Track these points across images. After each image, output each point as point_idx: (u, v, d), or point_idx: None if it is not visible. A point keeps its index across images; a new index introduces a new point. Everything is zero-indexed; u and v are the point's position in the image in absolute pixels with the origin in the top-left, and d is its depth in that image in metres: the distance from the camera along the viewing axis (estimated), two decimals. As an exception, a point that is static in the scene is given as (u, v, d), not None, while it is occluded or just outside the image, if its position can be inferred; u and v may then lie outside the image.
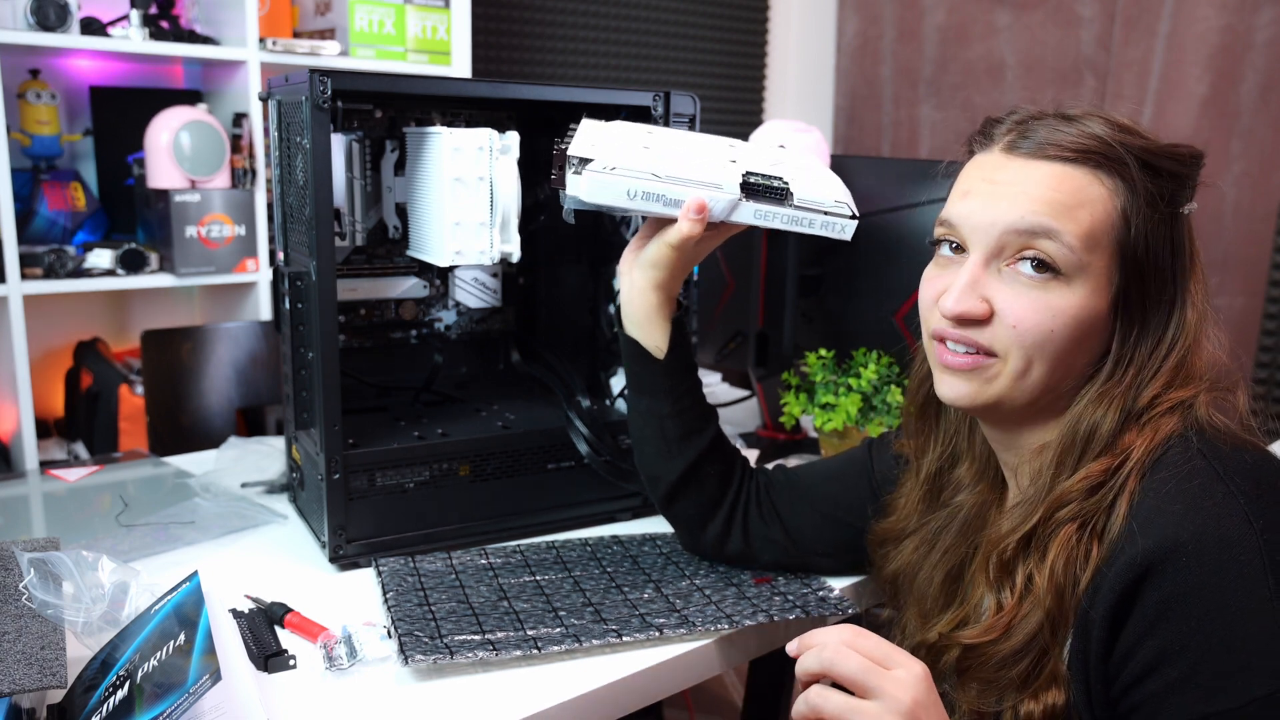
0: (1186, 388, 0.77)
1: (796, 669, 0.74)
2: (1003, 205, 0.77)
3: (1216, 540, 0.67)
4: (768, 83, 3.36)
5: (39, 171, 2.09)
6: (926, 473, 0.94)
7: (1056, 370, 0.78)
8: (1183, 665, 0.67)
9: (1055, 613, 0.75)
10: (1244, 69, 2.45)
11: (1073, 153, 0.76)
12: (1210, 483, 0.70)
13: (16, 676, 0.74)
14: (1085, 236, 0.75)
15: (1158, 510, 0.70)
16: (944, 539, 0.90)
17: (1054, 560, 0.74)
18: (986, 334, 0.79)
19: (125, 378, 2.08)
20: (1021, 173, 0.78)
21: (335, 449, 1.05)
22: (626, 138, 0.96)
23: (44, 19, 1.85)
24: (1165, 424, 0.75)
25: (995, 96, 2.93)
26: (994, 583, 0.80)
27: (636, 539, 1.16)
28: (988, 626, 0.79)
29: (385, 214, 1.25)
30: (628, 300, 1.01)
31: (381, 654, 0.89)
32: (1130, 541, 0.70)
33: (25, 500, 1.33)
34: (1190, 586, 0.67)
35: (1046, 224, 0.75)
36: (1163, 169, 0.77)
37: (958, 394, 0.81)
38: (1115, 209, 0.76)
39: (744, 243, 1.56)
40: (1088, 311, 0.76)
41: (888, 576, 0.98)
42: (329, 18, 2.27)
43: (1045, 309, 0.76)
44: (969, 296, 0.78)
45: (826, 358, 1.41)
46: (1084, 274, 0.76)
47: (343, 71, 1.00)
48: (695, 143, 0.99)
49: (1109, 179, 0.76)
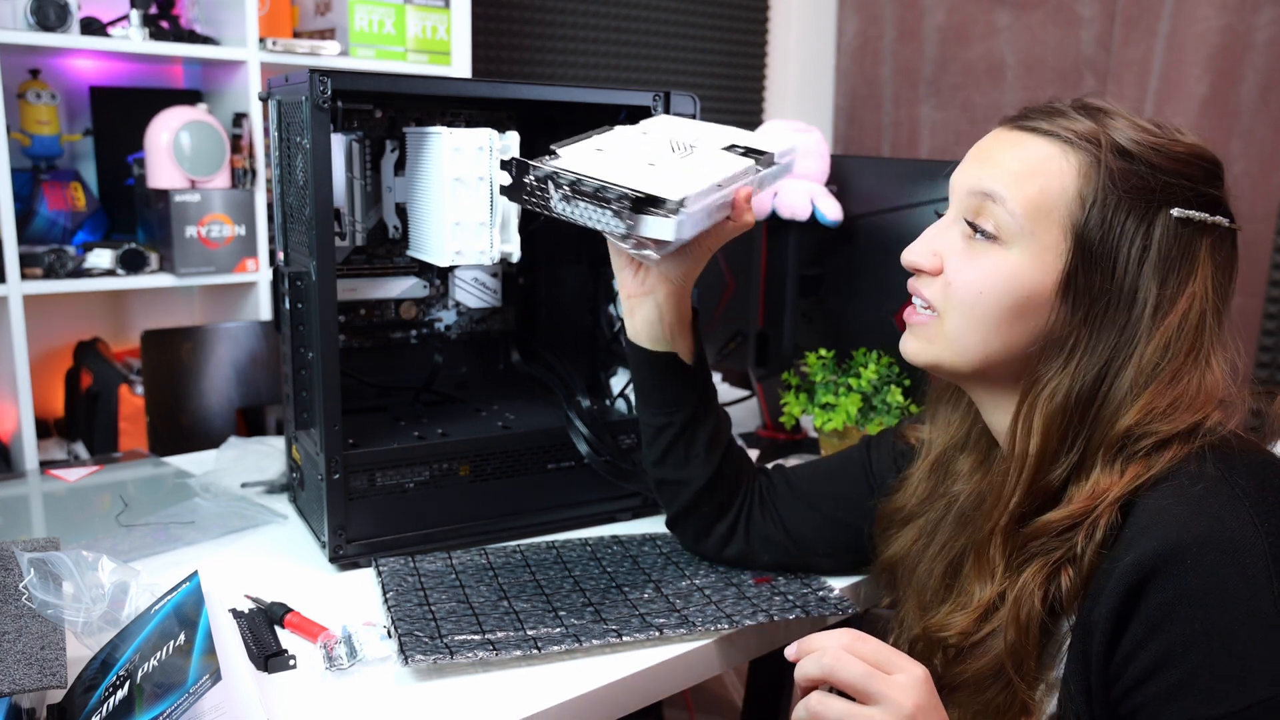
0: (1183, 414, 0.73)
1: (796, 674, 0.74)
2: (973, 169, 0.81)
3: (1221, 543, 0.67)
4: (768, 83, 3.36)
5: (39, 171, 2.09)
6: (934, 456, 0.94)
7: (991, 338, 0.79)
8: (1185, 668, 0.67)
9: (1018, 646, 0.75)
10: (1244, 69, 2.45)
11: (1054, 129, 0.78)
12: (1216, 486, 0.70)
13: (16, 676, 0.74)
14: (1029, 204, 0.76)
15: (1162, 512, 0.70)
16: (942, 532, 0.90)
17: (1020, 589, 0.75)
18: (929, 286, 0.82)
19: (125, 378, 2.08)
20: (1001, 142, 0.81)
21: (335, 449, 1.05)
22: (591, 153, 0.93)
23: (44, 19, 1.85)
24: (1159, 459, 0.72)
25: (995, 96, 2.93)
26: (981, 571, 0.81)
27: (636, 539, 1.16)
28: (967, 616, 0.80)
29: (385, 214, 1.25)
30: (654, 320, 0.98)
31: (381, 654, 0.89)
32: (1134, 543, 0.70)
33: (25, 500, 1.33)
34: (1194, 590, 0.66)
35: (992, 188, 0.78)
36: (1145, 159, 0.75)
37: (905, 349, 0.86)
38: (1072, 186, 0.76)
39: (744, 242, 1.56)
40: (1023, 280, 0.77)
41: (885, 562, 0.98)
42: (329, 18, 2.27)
43: (978, 269, 0.78)
44: (920, 247, 0.83)
45: (826, 358, 1.41)
46: (1025, 241, 0.77)
47: (343, 71, 1.00)
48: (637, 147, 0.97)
49: (1075, 155, 0.76)
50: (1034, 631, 0.75)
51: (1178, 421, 0.73)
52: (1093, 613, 0.72)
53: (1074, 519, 0.74)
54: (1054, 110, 0.80)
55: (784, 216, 1.40)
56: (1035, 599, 0.75)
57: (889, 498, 0.99)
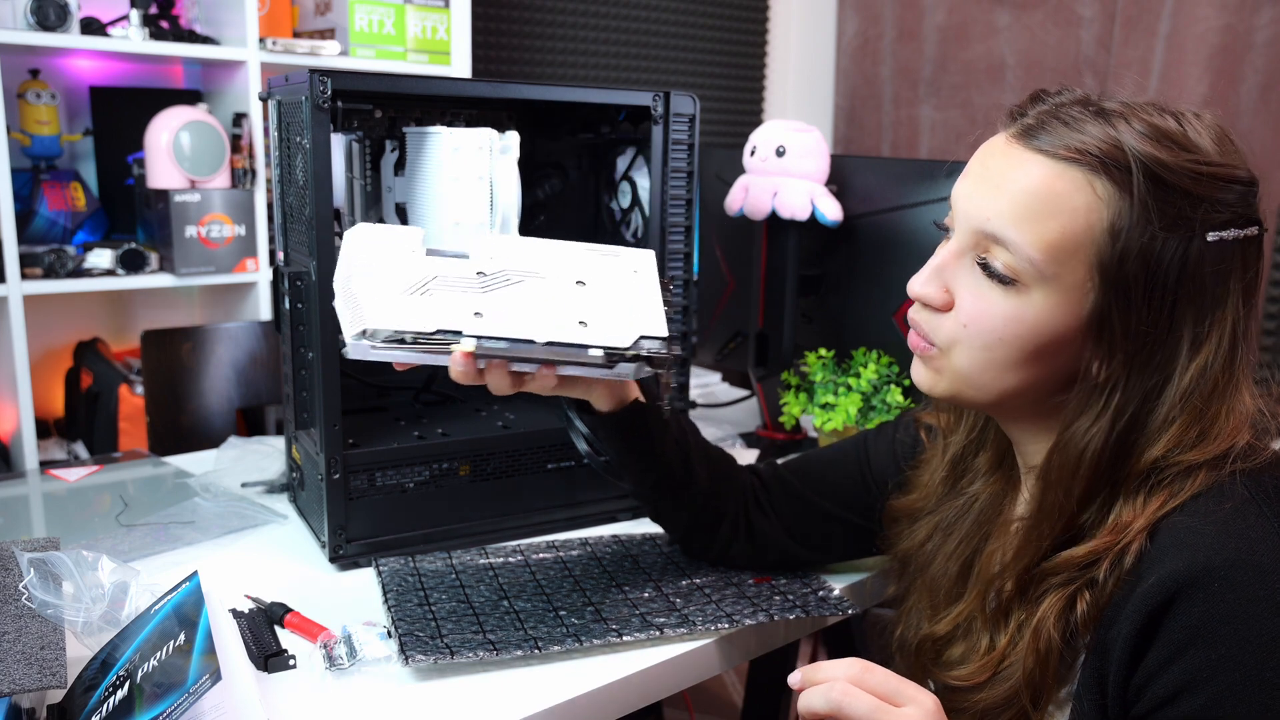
0: (1213, 443, 0.69)
1: (800, 706, 0.71)
2: (981, 198, 0.74)
3: (1251, 567, 0.64)
4: (768, 83, 3.36)
5: (39, 171, 2.09)
6: (952, 453, 0.91)
7: (1013, 378, 0.74)
8: (1206, 694, 0.64)
9: (1037, 676, 0.73)
10: (1244, 69, 2.45)
11: (1072, 153, 0.70)
12: (1245, 506, 0.67)
13: (16, 676, 0.74)
14: (1050, 247, 0.70)
15: (1190, 532, 0.67)
16: (959, 529, 0.88)
17: (1039, 621, 0.73)
18: (934, 323, 0.77)
19: (125, 378, 2.08)
20: (1010, 164, 0.73)
21: (335, 449, 1.05)
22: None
23: (44, 19, 1.85)
24: (1187, 488, 0.69)
25: (995, 96, 2.93)
26: (989, 622, 0.79)
27: (636, 539, 1.16)
28: (978, 667, 0.78)
29: (385, 214, 1.25)
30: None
31: (381, 654, 0.89)
32: (1158, 563, 0.67)
33: (25, 500, 1.33)
34: (1221, 615, 0.64)
35: (1006, 234, 0.71)
36: (1177, 186, 0.69)
37: (917, 378, 0.81)
38: (1101, 221, 0.69)
39: (744, 242, 1.56)
40: (1049, 325, 0.71)
41: (899, 555, 0.96)
42: (329, 18, 2.27)
43: (999, 314, 0.73)
44: (931, 282, 0.77)
45: (826, 358, 1.41)
46: (1049, 285, 0.71)
47: (343, 71, 1.00)
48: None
49: (1104, 188, 0.69)
50: (1053, 663, 0.73)
51: (1207, 450, 0.70)
52: (1110, 631, 0.69)
53: (1096, 554, 0.71)
54: (1065, 119, 0.72)
55: (784, 216, 1.40)
56: (1054, 630, 0.72)
57: (902, 493, 0.97)
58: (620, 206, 1.28)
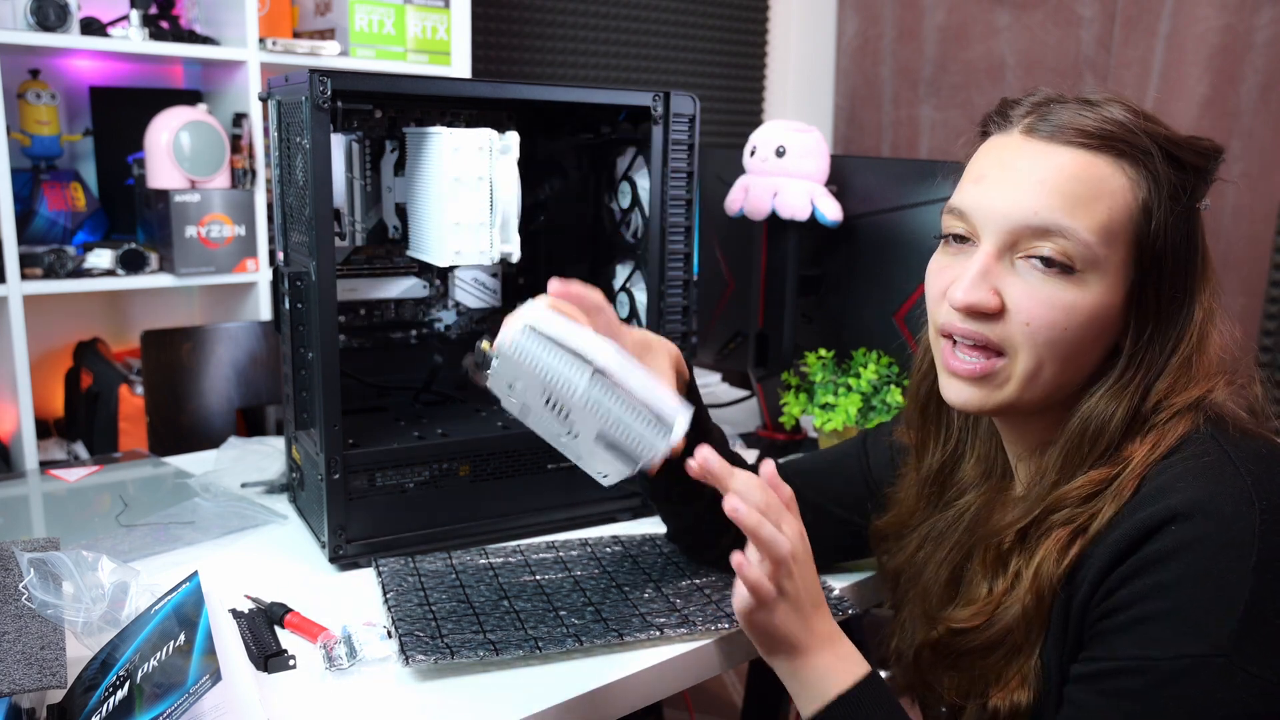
0: (1194, 388, 0.75)
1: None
2: (1018, 194, 0.74)
3: (1215, 512, 0.68)
4: (768, 83, 3.36)
5: (39, 171, 2.09)
6: (928, 470, 0.92)
7: (1067, 369, 0.76)
8: (1142, 610, 0.68)
9: (1033, 612, 0.75)
10: (1244, 69, 2.45)
11: (1096, 139, 0.73)
12: (1221, 463, 0.71)
13: (16, 676, 0.74)
14: (1102, 230, 0.73)
15: (1169, 484, 0.71)
16: (949, 539, 0.88)
17: (1040, 560, 0.75)
18: (996, 329, 0.76)
19: (125, 378, 2.08)
20: (1040, 158, 0.74)
21: (335, 449, 1.05)
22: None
23: (44, 19, 1.85)
24: (1173, 429, 0.74)
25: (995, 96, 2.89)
26: (988, 570, 0.80)
27: (636, 539, 1.16)
28: (975, 610, 0.79)
29: (385, 214, 1.25)
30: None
31: (381, 654, 0.89)
32: (1136, 510, 0.70)
33: (25, 500, 1.33)
34: (1180, 545, 0.68)
35: (1060, 222, 0.72)
36: (1186, 161, 0.75)
37: (965, 400, 0.80)
38: (1136, 201, 0.73)
39: (744, 242, 1.56)
40: (1102, 308, 0.74)
41: (890, 572, 0.97)
42: (329, 18, 2.27)
43: (1059, 306, 0.74)
44: (980, 287, 0.75)
45: (826, 358, 1.41)
46: (1099, 269, 0.73)
47: (343, 71, 1.00)
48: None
49: (1132, 169, 0.73)
50: (1049, 601, 0.75)
51: (1190, 395, 0.74)
52: (1083, 569, 0.72)
53: (1096, 486, 0.74)
54: (1073, 111, 0.75)
55: (784, 216, 1.40)
56: (1053, 566, 0.74)
57: (882, 515, 0.98)
58: (620, 207, 1.28)
